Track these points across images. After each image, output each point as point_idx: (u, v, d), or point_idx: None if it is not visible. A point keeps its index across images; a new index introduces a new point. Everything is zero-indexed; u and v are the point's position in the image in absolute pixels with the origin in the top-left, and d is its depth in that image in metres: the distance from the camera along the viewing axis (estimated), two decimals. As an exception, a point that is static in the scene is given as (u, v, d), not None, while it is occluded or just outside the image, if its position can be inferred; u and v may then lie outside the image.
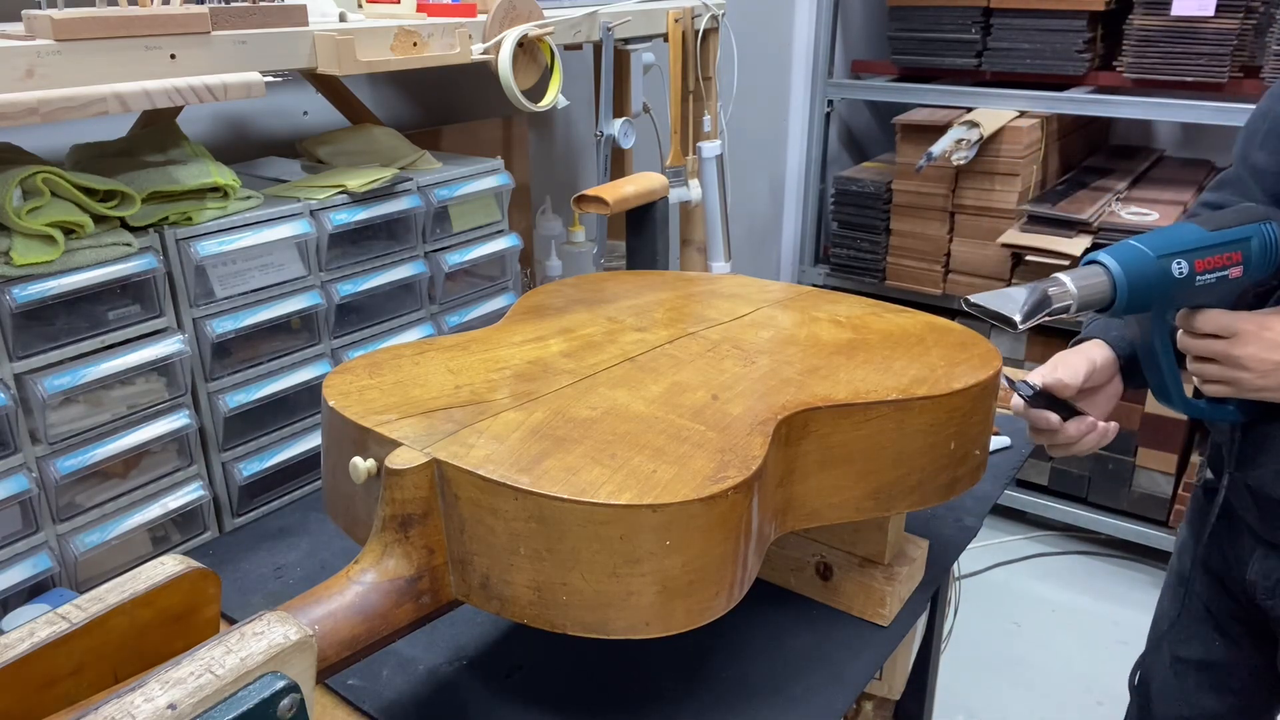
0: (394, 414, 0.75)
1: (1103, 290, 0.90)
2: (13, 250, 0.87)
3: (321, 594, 0.67)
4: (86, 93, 0.83)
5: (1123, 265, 0.89)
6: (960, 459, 0.85)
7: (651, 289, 1.09)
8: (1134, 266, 0.89)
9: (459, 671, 0.87)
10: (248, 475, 1.10)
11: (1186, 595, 1.21)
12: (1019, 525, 2.69)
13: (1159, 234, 0.92)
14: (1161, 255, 0.90)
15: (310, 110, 1.44)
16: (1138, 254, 0.90)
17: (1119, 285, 0.89)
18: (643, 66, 1.58)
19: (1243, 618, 1.14)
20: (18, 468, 0.91)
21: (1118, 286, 0.90)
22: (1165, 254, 0.90)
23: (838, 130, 2.86)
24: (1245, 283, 0.92)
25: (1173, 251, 0.90)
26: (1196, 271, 0.90)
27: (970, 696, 2.09)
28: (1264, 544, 1.05)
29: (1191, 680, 1.22)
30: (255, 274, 1.07)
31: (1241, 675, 1.17)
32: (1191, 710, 1.22)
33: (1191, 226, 0.92)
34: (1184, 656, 1.22)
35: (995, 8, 2.36)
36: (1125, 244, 0.91)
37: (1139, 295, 0.90)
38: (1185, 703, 1.23)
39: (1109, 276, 0.90)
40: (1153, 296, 0.91)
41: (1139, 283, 0.89)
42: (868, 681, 0.88)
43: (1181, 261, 0.90)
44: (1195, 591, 1.19)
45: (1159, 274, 0.89)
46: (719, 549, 0.68)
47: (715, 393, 0.80)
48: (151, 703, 0.49)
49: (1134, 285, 0.89)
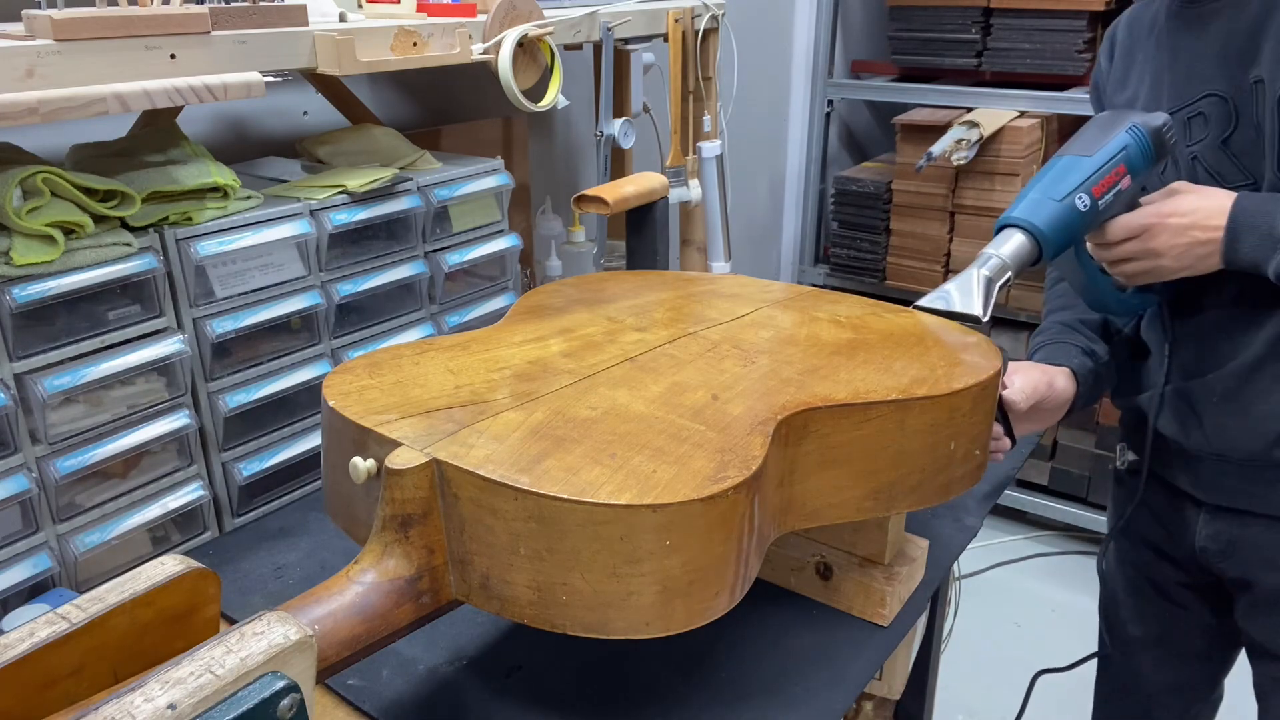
0: (394, 414, 0.75)
1: (1029, 249, 0.96)
2: (13, 250, 0.87)
3: (321, 594, 0.67)
4: (86, 93, 0.83)
5: (1038, 220, 0.96)
6: (960, 459, 0.85)
7: (651, 289, 1.09)
8: (1047, 218, 0.96)
9: (459, 671, 0.87)
10: (248, 475, 1.10)
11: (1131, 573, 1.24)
12: (1019, 525, 2.69)
13: (1047, 178, 0.98)
14: (1062, 197, 0.96)
15: (310, 110, 1.44)
16: (1044, 205, 0.96)
17: (1039, 238, 0.96)
18: (643, 66, 1.58)
19: (1189, 584, 1.17)
20: (18, 468, 0.91)
21: (1039, 239, 0.96)
22: (1064, 195, 0.96)
23: (838, 130, 2.86)
24: (1135, 188, 0.98)
25: (1070, 190, 0.96)
26: (1096, 198, 0.96)
27: (970, 696, 2.09)
28: (1208, 508, 1.08)
29: (1149, 658, 1.25)
30: (255, 274, 1.07)
31: (1195, 640, 1.21)
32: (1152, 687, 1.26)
33: (1070, 158, 0.98)
34: (1137, 635, 1.25)
35: (995, 8, 2.36)
36: (1027, 200, 0.97)
37: (1059, 240, 0.96)
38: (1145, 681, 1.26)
39: (1029, 235, 0.96)
40: (1071, 235, 0.97)
41: (1056, 230, 0.96)
42: (868, 681, 0.88)
43: (1082, 195, 0.96)
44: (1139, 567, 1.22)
45: (1068, 214, 0.96)
46: (719, 549, 0.68)
47: (715, 393, 0.80)
48: (151, 703, 0.49)
49: (1053, 234, 0.96)
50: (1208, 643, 1.21)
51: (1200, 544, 1.10)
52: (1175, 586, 1.19)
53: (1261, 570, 1.05)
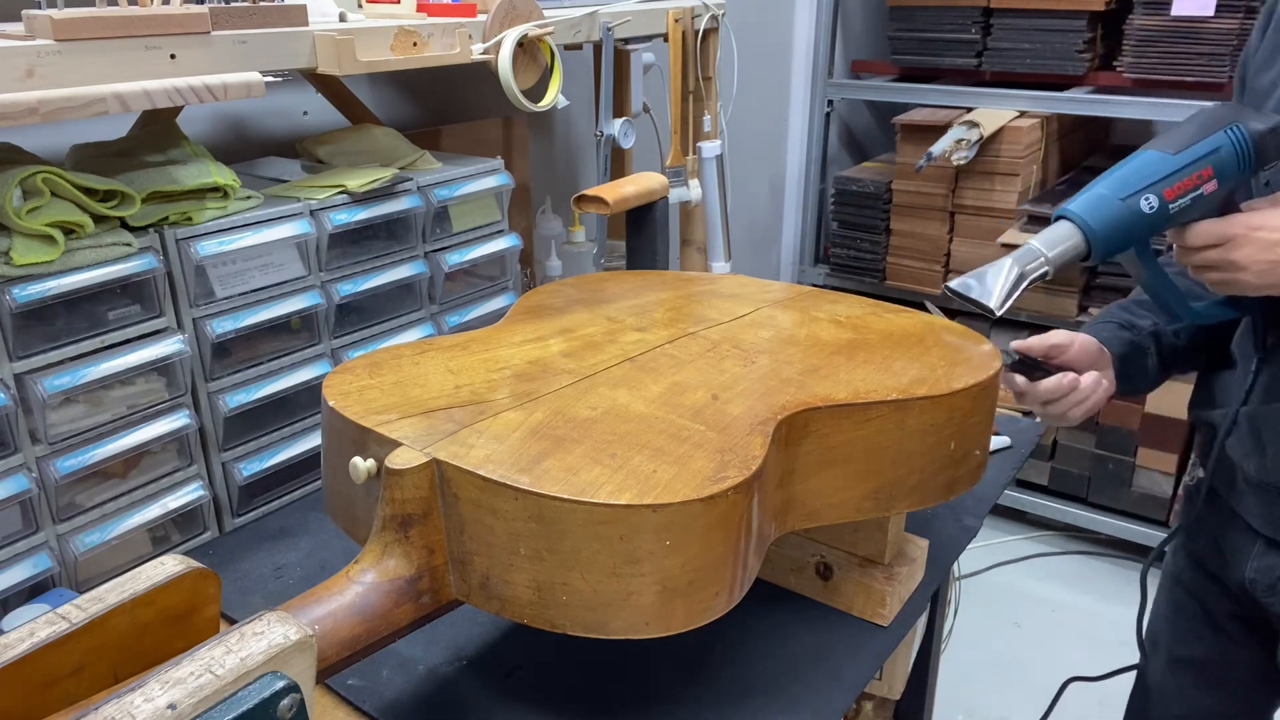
0: (394, 414, 0.75)
1: (1076, 247, 0.91)
2: (13, 250, 0.87)
3: (321, 594, 0.67)
4: (86, 93, 0.83)
5: (1090, 216, 0.90)
6: (960, 459, 0.85)
7: (651, 289, 1.09)
8: (1101, 214, 0.90)
9: (459, 671, 0.87)
10: (248, 475, 1.10)
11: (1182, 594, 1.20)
12: (1019, 525, 2.69)
13: (1120, 172, 0.92)
14: (1127, 196, 0.89)
15: (310, 110, 1.44)
16: (1103, 200, 0.90)
17: (1090, 237, 0.90)
18: (643, 66, 1.58)
19: (1240, 615, 1.13)
20: (18, 468, 0.91)
21: (1089, 238, 0.90)
22: (1131, 193, 0.89)
23: (838, 130, 2.86)
24: (1223, 193, 0.91)
25: (1138, 189, 0.89)
26: (1167, 201, 0.89)
27: (970, 696, 2.09)
28: (1263, 540, 1.04)
29: (1190, 679, 1.21)
30: (255, 274, 1.07)
31: (1240, 672, 1.17)
32: (1190, 709, 1.22)
33: (1152, 154, 0.91)
34: (1181, 656, 1.21)
35: (995, 8, 2.36)
36: (1092, 191, 0.92)
37: (1112, 241, 0.90)
38: (1183, 701, 1.22)
39: (1079, 230, 0.90)
40: (1130, 237, 0.91)
41: (1109, 229, 0.90)
42: (868, 681, 0.88)
43: (1150, 196, 0.89)
44: (1191, 590, 1.19)
45: (1128, 215, 0.89)
46: (719, 549, 0.68)
47: (715, 393, 0.80)
48: (151, 703, 0.49)
49: (1105, 233, 0.90)
50: (1254, 676, 1.16)
51: (1250, 575, 1.06)
52: (1225, 615, 1.15)
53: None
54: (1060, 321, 2.33)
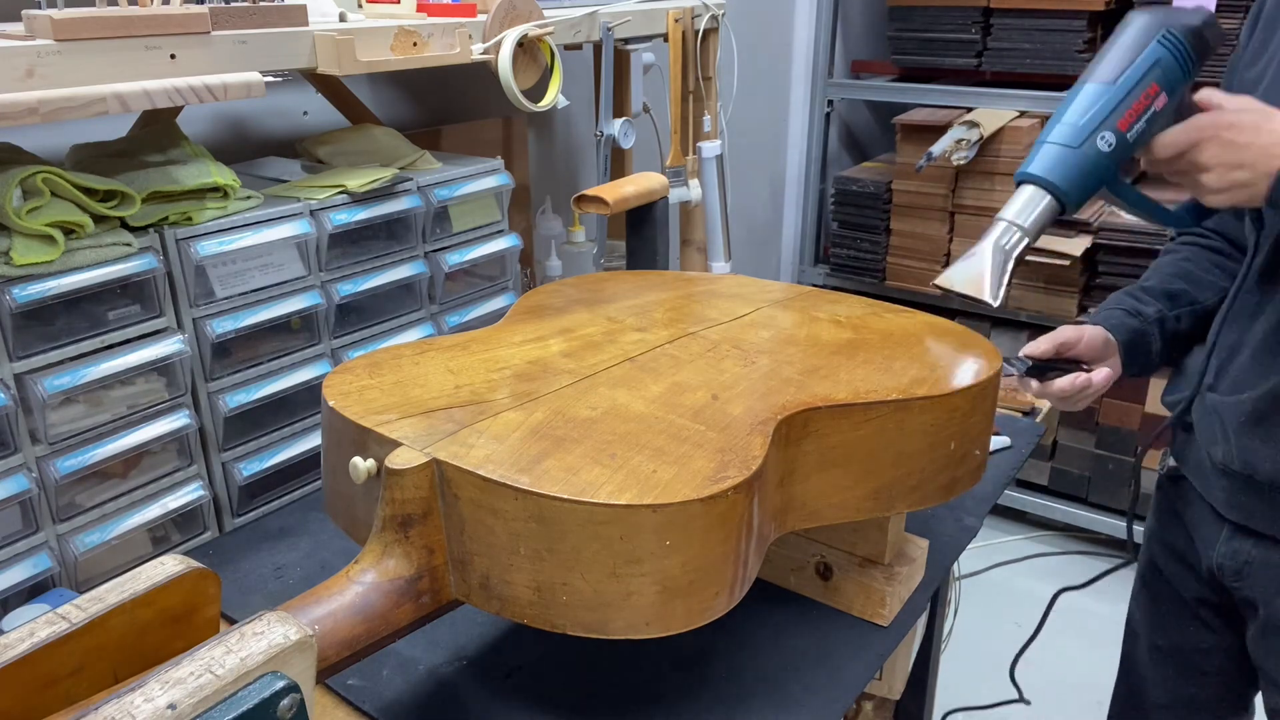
0: (394, 414, 0.75)
1: (1050, 207, 0.89)
2: (13, 250, 0.87)
3: (321, 594, 0.67)
4: (86, 93, 0.83)
5: (1052, 174, 0.88)
6: (960, 459, 0.85)
7: (651, 289, 1.09)
8: (1062, 169, 0.87)
9: (459, 671, 0.87)
10: (248, 475, 1.10)
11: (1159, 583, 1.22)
12: (1019, 525, 2.69)
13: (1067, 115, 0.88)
14: (1081, 142, 0.87)
15: (310, 110, 1.44)
16: (1060, 154, 0.88)
17: (1058, 194, 0.88)
18: (643, 66, 1.58)
19: (1213, 602, 1.15)
20: (18, 468, 0.91)
21: (1058, 196, 0.88)
22: (1085, 138, 0.87)
23: (838, 130, 2.86)
24: (1175, 101, 0.88)
25: (1091, 130, 0.87)
26: (1123, 132, 0.87)
27: (970, 696, 2.08)
28: (1229, 525, 1.06)
29: (1171, 668, 1.23)
30: (255, 274, 1.07)
31: (1217, 659, 1.18)
32: (1172, 697, 1.23)
33: (1091, 88, 0.88)
34: (1160, 645, 1.23)
35: (995, 8, 2.36)
36: (1046, 146, 0.89)
37: (1083, 189, 0.88)
38: (1166, 690, 1.24)
39: (1045, 191, 0.88)
40: (1097, 180, 0.88)
41: (1074, 180, 0.88)
42: (868, 681, 0.88)
43: (1104, 134, 0.87)
44: (1167, 578, 1.20)
45: (1089, 160, 0.87)
46: (719, 549, 0.68)
47: (715, 393, 0.80)
48: (151, 703, 0.49)
49: (1071, 185, 0.88)
50: (1231, 663, 1.18)
51: (1218, 561, 1.08)
52: (1198, 603, 1.16)
53: (1272, 595, 1.03)
54: (1060, 320, 2.33)
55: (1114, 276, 2.30)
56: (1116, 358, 1.09)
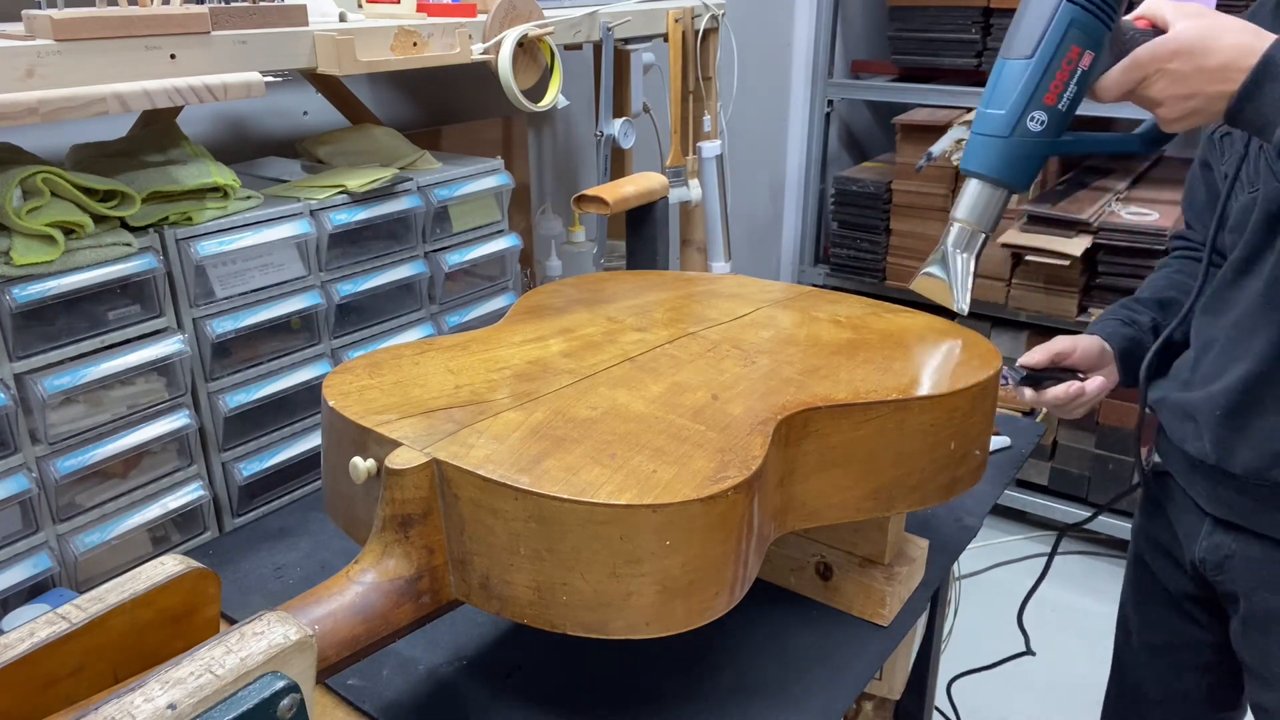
0: (394, 414, 0.75)
1: (1000, 196, 0.88)
2: (13, 250, 0.87)
3: (321, 594, 0.67)
4: (86, 93, 0.83)
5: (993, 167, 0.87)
6: (960, 459, 0.85)
7: (651, 289, 1.09)
8: (1002, 160, 0.86)
9: (459, 671, 0.87)
10: (248, 475, 1.10)
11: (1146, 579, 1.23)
12: (1019, 525, 2.69)
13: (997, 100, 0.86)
14: (1013, 129, 0.85)
15: (310, 110, 1.44)
16: (995, 146, 0.86)
17: (1005, 182, 0.87)
18: (643, 66, 1.58)
19: (1197, 597, 1.16)
20: (18, 468, 0.91)
21: (1005, 184, 0.88)
22: (1015, 123, 0.85)
23: (838, 130, 2.86)
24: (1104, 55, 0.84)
25: (1020, 113, 0.84)
26: (1053, 105, 0.84)
27: (970, 696, 2.08)
28: (1211, 519, 1.07)
29: (1161, 663, 1.24)
30: (255, 274, 1.07)
31: (1206, 654, 1.19)
32: (1165, 693, 1.24)
33: (1014, 64, 0.85)
34: (1150, 641, 1.24)
35: (995, 8, 2.36)
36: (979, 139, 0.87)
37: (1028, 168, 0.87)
38: (1159, 686, 1.25)
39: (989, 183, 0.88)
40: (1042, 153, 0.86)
41: (1017, 165, 0.86)
42: (868, 681, 0.88)
43: (1035, 113, 0.84)
44: (1154, 573, 1.21)
45: (1027, 142, 0.85)
46: (719, 549, 0.68)
47: (715, 393, 0.80)
48: (151, 703, 0.49)
49: (1015, 170, 0.87)
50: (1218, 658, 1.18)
51: (1201, 555, 1.09)
52: (1184, 597, 1.17)
53: (1253, 589, 1.04)
54: (1060, 321, 2.33)
55: (1114, 276, 2.30)
56: (1113, 366, 1.13)
